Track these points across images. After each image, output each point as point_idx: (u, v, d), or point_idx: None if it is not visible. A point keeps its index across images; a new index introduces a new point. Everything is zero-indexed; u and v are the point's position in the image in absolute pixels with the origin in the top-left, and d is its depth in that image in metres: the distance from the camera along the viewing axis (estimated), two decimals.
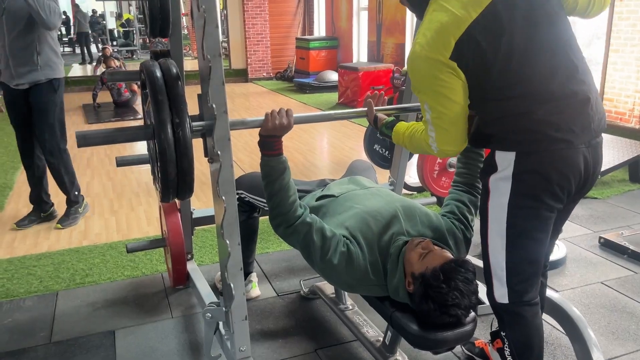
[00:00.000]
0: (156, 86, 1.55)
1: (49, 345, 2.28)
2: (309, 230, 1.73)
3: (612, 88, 5.66)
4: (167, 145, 1.52)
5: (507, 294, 1.62)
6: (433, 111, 1.56)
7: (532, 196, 1.53)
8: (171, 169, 1.55)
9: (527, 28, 1.48)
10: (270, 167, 1.77)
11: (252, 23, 11.00)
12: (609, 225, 3.43)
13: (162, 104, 1.53)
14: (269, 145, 1.77)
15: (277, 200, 1.76)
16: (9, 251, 3.20)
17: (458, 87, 1.51)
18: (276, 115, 1.75)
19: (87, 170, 4.92)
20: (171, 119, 1.52)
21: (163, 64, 1.65)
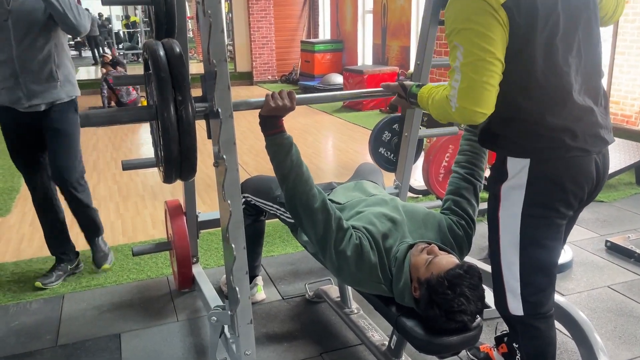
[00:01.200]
0: (159, 64, 1.52)
1: (55, 348, 2.29)
2: (327, 217, 1.69)
3: (618, 91, 5.63)
4: (169, 124, 1.49)
5: (522, 307, 1.59)
6: (468, 55, 1.38)
7: (547, 205, 1.50)
8: (174, 148, 1.52)
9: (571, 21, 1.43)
10: (276, 146, 1.73)
11: (257, 26, 11.03)
12: (616, 229, 3.41)
13: (165, 82, 1.50)
14: (270, 124, 1.74)
15: (292, 179, 1.70)
16: (16, 254, 3.22)
17: (502, 38, 1.37)
18: (277, 96, 1.72)
19: (94, 173, 4.94)
20: (174, 97, 1.50)
21: (166, 43, 1.61)
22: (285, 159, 1.72)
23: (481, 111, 1.40)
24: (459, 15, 1.41)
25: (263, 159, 5.30)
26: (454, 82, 1.43)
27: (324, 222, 1.70)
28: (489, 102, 1.40)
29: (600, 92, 1.52)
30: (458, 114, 1.44)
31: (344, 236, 1.70)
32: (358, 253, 1.69)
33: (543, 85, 1.43)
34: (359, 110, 7.90)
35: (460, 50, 1.40)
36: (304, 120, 7.41)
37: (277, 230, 3.39)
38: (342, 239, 1.70)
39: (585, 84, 1.47)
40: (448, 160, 3.33)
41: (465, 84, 1.40)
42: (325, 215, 1.70)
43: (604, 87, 1.55)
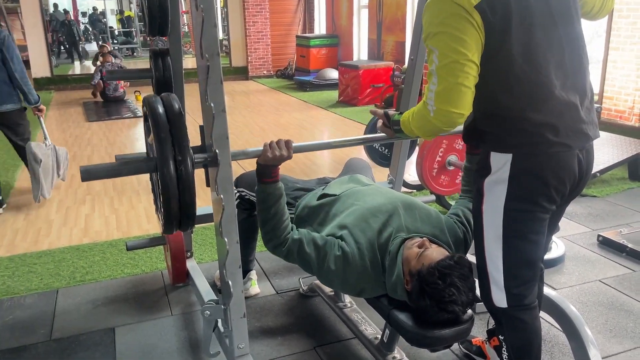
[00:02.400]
0: (159, 124, 1.58)
1: (49, 342, 2.30)
2: (301, 246, 1.77)
3: (612, 86, 5.66)
4: (169, 182, 1.55)
5: (506, 298, 1.61)
6: (443, 58, 1.41)
7: (529, 199, 1.52)
8: (174, 204, 1.58)
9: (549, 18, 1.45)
10: (266, 194, 1.79)
11: (252, 21, 11.00)
12: (608, 224, 3.43)
13: (165, 142, 1.56)
14: (266, 173, 1.78)
15: (272, 224, 1.79)
16: (9, 249, 3.21)
17: (476, 40, 1.40)
18: (275, 146, 1.76)
19: None
20: (174, 155, 1.56)
21: (165, 99, 1.68)
22: (271, 208, 1.78)
23: (458, 111, 1.43)
24: (433, 19, 1.44)
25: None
26: (431, 86, 1.45)
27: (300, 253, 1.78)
28: (465, 103, 1.43)
29: (586, 87, 1.53)
30: (436, 117, 1.46)
31: (326, 254, 1.76)
32: (343, 262, 1.74)
33: (522, 81, 1.45)
34: (354, 106, 7.90)
35: (436, 54, 1.43)
36: (300, 115, 7.41)
37: None
38: (325, 257, 1.75)
39: (568, 79, 1.48)
40: (442, 155, 3.34)
41: (441, 86, 1.42)
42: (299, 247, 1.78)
43: (591, 83, 1.56)
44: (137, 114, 7.46)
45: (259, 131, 6.39)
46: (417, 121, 1.57)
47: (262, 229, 1.81)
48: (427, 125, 1.52)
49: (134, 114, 7.50)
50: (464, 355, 2.13)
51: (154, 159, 1.63)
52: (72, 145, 5.83)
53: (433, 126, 1.50)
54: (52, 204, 3.99)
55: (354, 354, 2.19)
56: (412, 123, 1.59)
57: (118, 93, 8.22)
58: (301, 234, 1.80)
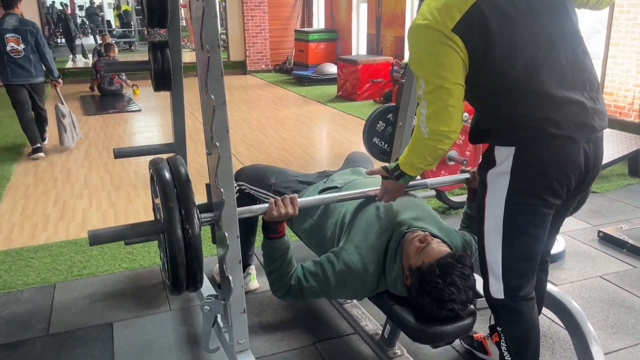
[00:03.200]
0: (167, 193, 1.60)
1: (46, 337, 2.28)
2: (301, 284, 1.77)
3: (612, 82, 5.64)
4: (177, 252, 1.57)
5: (503, 290, 1.61)
6: (428, 84, 1.49)
7: (530, 192, 1.51)
8: (181, 272, 1.60)
9: (533, 19, 1.46)
10: (272, 249, 1.78)
11: (251, 15, 10.95)
12: (608, 219, 3.42)
13: (173, 211, 1.58)
14: (272, 228, 1.78)
15: (277, 275, 1.79)
16: (6, 243, 3.19)
17: (457, 63, 1.46)
18: (281, 204, 1.76)
19: (85, 162, 4.90)
20: (181, 223, 1.57)
21: (172, 164, 1.70)
22: (277, 261, 1.78)
23: (450, 130, 1.51)
24: (414, 46, 1.51)
25: (256, 149, 5.28)
26: (422, 110, 1.53)
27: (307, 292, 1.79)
28: (456, 120, 1.51)
29: (587, 79, 1.52)
30: (430, 138, 1.53)
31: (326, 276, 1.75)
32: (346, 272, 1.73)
33: (515, 87, 1.47)
34: (353, 100, 7.88)
35: (422, 80, 1.51)
36: (298, 110, 7.38)
37: None
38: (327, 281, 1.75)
39: (565, 76, 1.47)
40: None
41: (430, 110, 1.50)
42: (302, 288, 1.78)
43: (594, 74, 1.55)
44: (133, 108, 7.43)
45: (257, 126, 6.37)
46: (413, 150, 1.62)
47: (269, 279, 1.82)
48: (424, 149, 1.58)
49: (131, 108, 7.47)
50: (465, 351, 2.12)
51: (160, 221, 1.66)
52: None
53: (429, 148, 1.56)
54: (49, 198, 3.96)
55: (354, 349, 2.18)
56: (411, 157, 1.64)
57: (114, 87, 8.20)
58: (297, 272, 1.80)
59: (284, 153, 5.12)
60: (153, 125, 6.56)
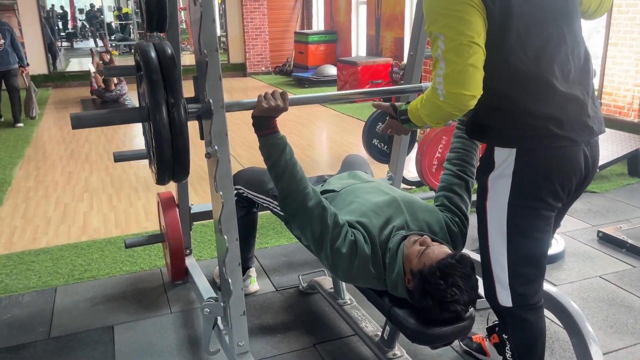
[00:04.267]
0: (151, 67, 1.52)
1: (47, 340, 2.29)
2: (323, 214, 1.69)
3: (611, 82, 5.65)
4: (162, 126, 1.50)
5: (511, 297, 1.59)
6: (449, 41, 1.38)
7: (534, 195, 1.50)
8: (166, 149, 1.53)
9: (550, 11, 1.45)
10: (270, 146, 1.72)
11: (250, 17, 10.96)
12: (608, 219, 3.43)
13: (157, 85, 1.50)
14: (264, 124, 1.71)
15: (286, 179, 1.70)
16: (7, 246, 3.20)
17: (480, 24, 1.38)
18: (270, 97, 1.70)
19: (86, 165, 4.91)
20: (166, 99, 1.50)
21: (157, 44, 1.61)
22: (279, 159, 1.70)
23: (469, 93, 1.39)
24: (436, 6, 1.42)
25: (256, 151, 5.26)
26: (438, 71, 1.42)
27: (320, 220, 1.69)
28: (476, 83, 1.39)
29: (590, 84, 1.52)
30: (446, 101, 1.42)
31: (340, 233, 1.69)
32: (353, 250, 1.69)
33: (522, 73, 1.44)
34: (352, 102, 7.88)
35: (441, 39, 1.40)
36: (297, 111, 7.38)
37: (271, 222, 3.39)
38: (338, 236, 1.69)
39: (572, 73, 1.47)
40: (441, 151, 3.33)
41: (450, 68, 1.39)
42: (320, 212, 1.69)
43: (593, 80, 1.56)
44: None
45: None
46: (426, 108, 1.52)
47: (277, 187, 1.73)
48: (437, 111, 1.48)
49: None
50: (464, 352, 2.13)
51: (146, 107, 1.58)
52: (69, 142, 5.82)
53: (443, 111, 1.46)
54: (49, 201, 3.97)
55: (354, 351, 2.19)
56: (421, 110, 1.55)
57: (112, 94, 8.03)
58: (327, 204, 1.72)
59: None
60: None
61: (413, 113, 1.60)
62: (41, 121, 6.95)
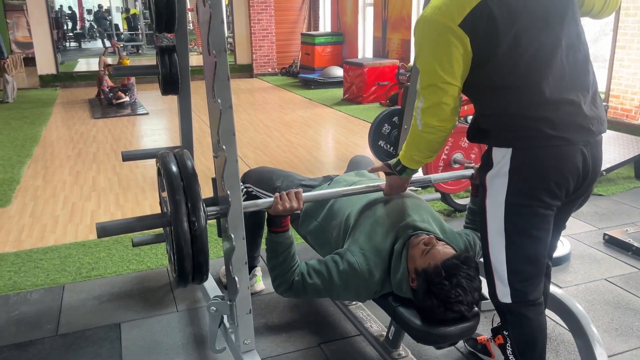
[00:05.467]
0: (174, 186, 1.63)
1: (55, 337, 2.31)
2: (304, 280, 1.77)
3: (618, 85, 5.63)
4: (184, 244, 1.59)
5: (510, 294, 1.61)
6: (424, 80, 1.54)
7: (528, 193, 1.52)
8: (187, 264, 1.62)
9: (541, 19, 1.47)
10: (276, 243, 1.79)
11: (257, 18, 11.00)
12: (614, 222, 3.42)
13: (180, 204, 1.60)
14: (276, 222, 1.80)
15: (280, 270, 1.79)
16: (16, 244, 3.23)
17: (457, 61, 1.48)
18: (286, 198, 1.78)
19: (93, 164, 4.94)
20: (188, 216, 1.59)
21: (179, 158, 1.73)
22: (280, 255, 1.79)
23: (441, 125, 1.56)
24: (418, 39, 1.55)
25: (262, 151, 5.31)
26: (419, 103, 1.58)
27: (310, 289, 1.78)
28: (449, 116, 1.56)
29: (586, 83, 1.53)
30: (424, 130, 1.58)
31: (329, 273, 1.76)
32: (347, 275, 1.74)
33: (514, 83, 1.49)
34: (359, 103, 7.90)
35: (421, 74, 1.55)
36: (304, 113, 7.41)
37: None
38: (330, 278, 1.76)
39: (564, 79, 1.49)
40: (447, 153, 3.34)
41: (426, 105, 1.56)
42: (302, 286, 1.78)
43: (594, 79, 1.57)
44: (140, 111, 7.48)
45: (263, 128, 6.40)
46: (411, 143, 1.67)
47: (271, 274, 1.82)
48: (420, 141, 1.63)
49: (138, 111, 7.53)
50: (469, 353, 2.13)
51: (167, 214, 1.68)
52: (77, 142, 5.86)
53: (425, 140, 1.61)
54: (57, 200, 4.01)
55: (358, 351, 2.19)
56: (408, 149, 1.69)
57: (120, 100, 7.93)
58: (301, 269, 1.80)
59: (290, 156, 5.14)
60: (160, 129, 6.60)
61: (404, 157, 1.74)
62: (49, 121, 7.00)
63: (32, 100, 8.52)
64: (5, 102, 8.16)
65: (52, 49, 9.83)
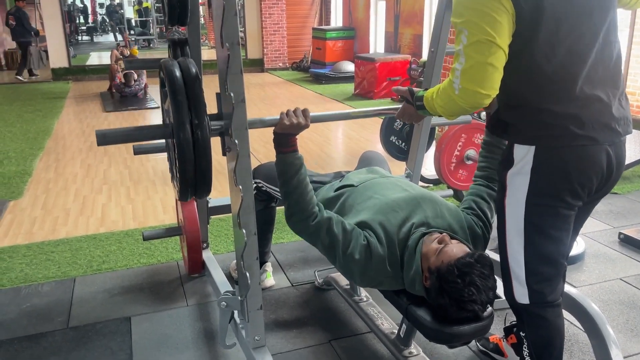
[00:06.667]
0: (175, 87, 1.56)
1: (66, 330, 2.31)
2: (330, 225, 1.70)
3: (634, 81, 5.54)
4: (185, 146, 1.54)
5: (528, 294, 1.58)
6: (471, 36, 1.38)
7: (551, 193, 1.49)
8: (189, 169, 1.57)
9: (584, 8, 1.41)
10: (286, 164, 1.74)
11: (269, 13, 10.97)
12: (629, 221, 3.37)
13: (181, 105, 1.54)
14: (284, 142, 1.75)
15: (295, 197, 1.73)
16: (28, 237, 3.24)
17: (506, 25, 1.36)
18: (292, 114, 1.73)
19: (105, 158, 4.96)
20: (190, 119, 1.54)
21: (182, 62, 1.65)
22: (293, 178, 1.73)
23: (484, 92, 1.40)
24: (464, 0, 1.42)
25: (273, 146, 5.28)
26: (457, 65, 1.42)
27: (327, 233, 1.70)
28: (492, 83, 1.40)
29: (619, 83, 1.49)
30: (461, 96, 1.43)
31: (350, 240, 1.70)
32: (367, 253, 1.69)
33: (546, 75, 1.42)
34: (370, 99, 7.86)
35: (465, 33, 1.40)
36: (315, 108, 7.38)
37: None
38: (349, 243, 1.69)
39: (598, 72, 1.44)
40: (460, 149, 3.30)
41: (468, 64, 1.39)
42: (327, 226, 1.71)
43: (622, 78, 1.52)
44: (152, 105, 7.50)
45: None
46: (441, 99, 1.53)
47: (285, 203, 1.75)
48: (450, 104, 1.49)
49: (149, 105, 7.55)
50: (480, 352, 2.11)
51: (169, 125, 1.62)
52: (89, 135, 5.88)
53: (457, 106, 1.47)
54: (69, 193, 4.02)
55: (369, 348, 2.18)
56: (436, 100, 1.56)
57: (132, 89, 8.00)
58: (331, 213, 1.74)
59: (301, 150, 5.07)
60: None
61: (428, 101, 1.61)
62: (61, 114, 7.03)
63: (45, 93, 8.58)
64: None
65: (64, 43, 9.88)
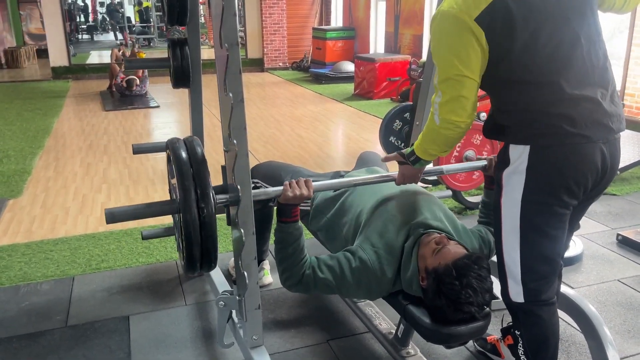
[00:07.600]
0: (183, 172, 1.62)
1: (65, 328, 2.32)
2: (315, 274, 1.75)
3: (634, 83, 5.55)
4: (192, 230, 1.59)
5: (523, 293, 1.59)
6: (442, 73, 1.51)
7: (546, 192, 1.50)
8: (196, 250, 1.62)
9: (560, 15, 1.45)
10: (286, 234, 1.77)
11: (269, 12, 10.97)
12: (627, 223, 3.37)
13: (189, 190, 1.60)
14: (287, 212, 1.77)
15: (289, 262, 1.76)
16: (27, 235, 3.25)
17: (475, 55, 1.46)
18: (295, 185, 1.76)
19: (104, 157, 4.96)
20: (197, 202, 1.59)
21: (189, 144, 1.72)
22: (289, 246, 1.76)
23: (460, 120, 1.52)
24: (435, 33, 1.53)
25: (272, 146, 5.30)
26: (436, 98, 1.55)
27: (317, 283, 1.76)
28: (467, 111, 1.52)
29: (605, 81, 1.51)
30: (442, 126, 1.55)
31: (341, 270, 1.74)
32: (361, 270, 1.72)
33: (532, 79, 1.47)
34: (369, 99, 7.86)
35: (439, 69, 1.52)
36: (315, 108, 7.39)
37: None
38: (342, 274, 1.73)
39: (585, 75, 1.46)
40: (459, 150, 3.31)
41: (444, 99, 1.52)
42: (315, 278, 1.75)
43: (613, 77, 1.54)
44: (151, 104, 7.50)
45: (273, 123, 6.39)
46: (427, 136, 1.64)
47: (279, 268, 1.79)
48: (436, 137, 1.60)
49: (149, 104, 7.55)
50: (478, 352, 2.11)
51: (176, 201, 1.67)
52: (88, 134, 5.88)
53: (442, 136, 1.58)
54: (68, 191, 4.03)
55: (367, 348, 2.18)
56: (424, 142, 1.67)
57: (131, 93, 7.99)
58: (312, 262, 1.78)
59: (300, 151, 5.13)
60: (171, 122, 6.62)
61: (419, 149, 1.71)
62: (61, 112, 7.04)
63: (45, 92, 8.58)
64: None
65: (64, 41, 9.87)
